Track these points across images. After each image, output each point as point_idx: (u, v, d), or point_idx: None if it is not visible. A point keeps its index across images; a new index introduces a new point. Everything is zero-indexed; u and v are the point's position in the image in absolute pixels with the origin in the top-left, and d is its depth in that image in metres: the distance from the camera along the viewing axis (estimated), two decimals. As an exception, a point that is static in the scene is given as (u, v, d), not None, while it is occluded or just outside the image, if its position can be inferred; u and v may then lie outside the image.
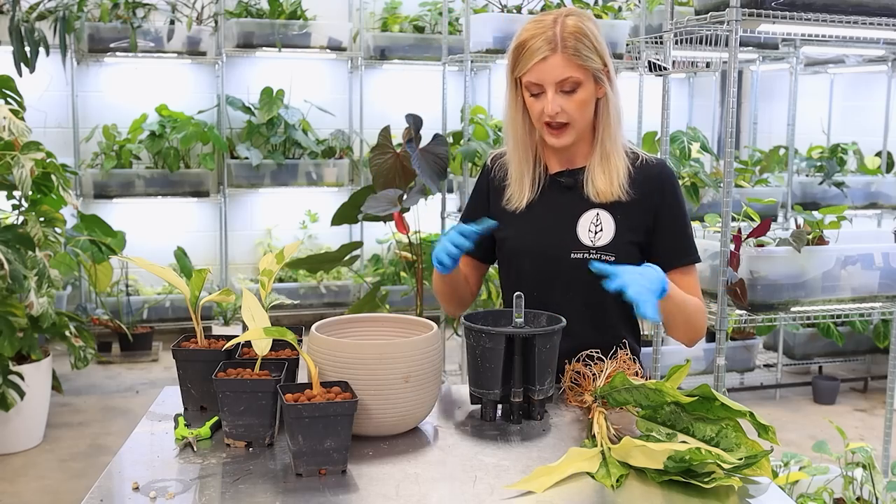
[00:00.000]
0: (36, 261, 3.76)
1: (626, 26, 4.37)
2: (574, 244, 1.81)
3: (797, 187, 5.02)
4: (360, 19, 5.97)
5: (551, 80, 1.72)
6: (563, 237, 1.83)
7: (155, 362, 5.34)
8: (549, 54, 1.71)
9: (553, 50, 1.71)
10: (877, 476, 2.42)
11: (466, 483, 1.33)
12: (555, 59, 1.71)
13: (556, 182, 1.87)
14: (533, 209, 1.86)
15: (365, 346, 1.49)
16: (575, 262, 1.80)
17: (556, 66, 1.71)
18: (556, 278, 1.81)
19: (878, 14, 2.78)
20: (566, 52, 1.71)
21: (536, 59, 1.71)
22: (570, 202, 1.84)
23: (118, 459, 1.41)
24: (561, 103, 1.74)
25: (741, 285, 2.76)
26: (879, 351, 4.86)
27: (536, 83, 1.74)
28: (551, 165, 1.89)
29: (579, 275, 1.78)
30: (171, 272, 1.63)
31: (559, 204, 1.85)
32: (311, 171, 5.81)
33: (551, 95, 1.73)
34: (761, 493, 1.32)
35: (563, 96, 1.74)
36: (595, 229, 1.82)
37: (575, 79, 1.72)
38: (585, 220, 1.82)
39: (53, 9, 4.92)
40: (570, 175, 1.86)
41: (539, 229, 1.82)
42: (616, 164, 1.81)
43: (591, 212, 1.82)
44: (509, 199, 1.88)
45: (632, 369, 1.64)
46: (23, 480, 3.66)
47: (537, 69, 1.72)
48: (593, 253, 1.80)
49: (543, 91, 1.74)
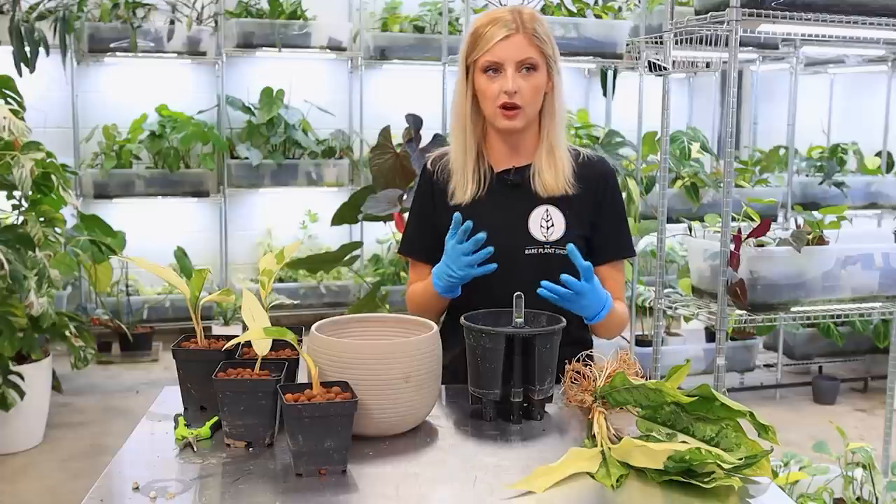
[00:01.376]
0: (36, 261, 3.76)
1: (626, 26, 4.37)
2: (527, 240, 1.85)
3: (797, 187, 5.02)
4: (360, 19, 5.97)
5: (512, 59, 1.77)
6: (516, 234, 1.85)
7: (155, 362, 5.34)
8: (512, 33, 1.77)
9: (515, 30, 1.77)
10: (877, 476, 2.42)
11: (466, 483, 1.33)
12: (516, 38, 1.77)
13: (502, 180, 1.89)
14: (482, 207, 1.86)
15: (365, 346, 1.49)
16: (530, 258, 1.84)
17: (517, 45, 1.77)
18: (511, 275, 1.80)
19: (878, 14, 2.78)
20: (526, 34, 1.77)
21: (499, 38, 1.76)
22: (518, 199, 1.87)
23: (118, 459, 1.41)
24: (519, 84, 1.77)
25: (741, 285, 2.76)
26: (879, 351, 4.86)
27: (497, 62, 1.77)
28: (496, 164, 1.90)
29: (534, 270, 1.81)
30: (172, 272, 1.63)
31: (508, 201, 1.87)
32: (311, 171, 5.81)
33: (511, 73, 1.77)
34: (761, 493, 1.32)
35: (521, 77, 1.78)
36: (546, 224, 1.86)
37: (534, 60, 1.78)
38: (536, 216, 1.86)
39: (53, 9, 4.92)
40: (517, 172, 1.88)
41: (491, 227, 1.81)
42: (561, 159, 1.86)
43: (541, 208, 1.86)
44: (454, 192, 1.88)
45: (632, 369, 1.64)
46: (23, 480, 3.66)
47: (499, 47, 1.76)
48: (547, 247, 1.84)
49: (502, 71, 1.77)
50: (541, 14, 1.83)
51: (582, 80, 6.64)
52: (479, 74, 1.80)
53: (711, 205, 4.36)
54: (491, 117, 1.83)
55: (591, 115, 5.78)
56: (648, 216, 4.32)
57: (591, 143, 4.55)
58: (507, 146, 1.89)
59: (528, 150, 1.89)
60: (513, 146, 1.88)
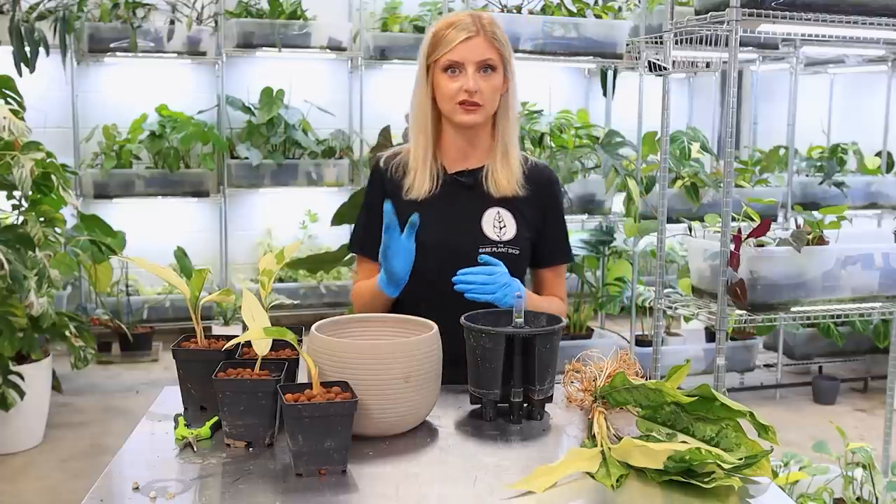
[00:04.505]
0: (36, 261, 3.76)
1: (626, 26, 4.37)
2: (481, 239, 1.90)
3: (797, 187, 5.02)
4: (360, 19, 5.97)
5: (473, 59, 1.83)
6: (470, 232, 1.91)
7: (155, 362, 5.34)
8: (473, 35, 1.83)
9: (476, 32, 1.84)
10: (877, 476, 2.42)
11: (466, 483, 1.33)
12: (478, 40, 1.83)
13: (456, 181, 1.94)
14: (436, 205, 1.91)
15: (365, 346, 1.49)
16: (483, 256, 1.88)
17: (478, 46, 1.83)
18: None
19: (878, 14, 2.78)
20: (486, 36, 1.84)
21: (461, 39, 1.82)
22: (471, 200, 1.93)
23: (118, 459, 1.41)
24: (479, 83, 1.83)
25: (741, 285, 2.76)
26: (879, 351, 4.86)
27: (458, 61, 1.83)
28: (448, 165, 1.96)
29: None
30: (172, 272, 1.63)
31: (461, 201, 1.93)
32: (311, 171, 5.81)
33: (472, 72, 1.83)
34: (761, 493, 1.32)
35: (481, 77, 1.84)
36: (499, 225, 1.92)
37: (493, 61, 1.85)
38: (489, 217, 1.92)
39: (53, 9, 4.92)
40: (471, 175, 1.94)
41: (445, 226, 1.89)
42: (515, 160, 1.94)
43: (493, 209, 1.93)
44: (410, 187, 1.92)
45: (632, 369, 1.64)
46: (23, 480, 3.66)
47: (461, 48, 1.83)
48: (501, 246, 1.90)
49: (462, 70, 1.83)
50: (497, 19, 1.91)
51: (582, 80, 6.64)
52: (440, 74, 1.86)
53: (711, 205, 4.36)
54: (450, 114, 1.88)
55: (591, 115, 5.78)
56: (648, 216, 4.32)
57: (591, 143, 4.55)
58: (460, 147, 1.94)
59: (481, 152, 1.95)
60: (466, 147, 1.94)
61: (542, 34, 4.16)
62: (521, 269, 1.96)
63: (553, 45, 4.19)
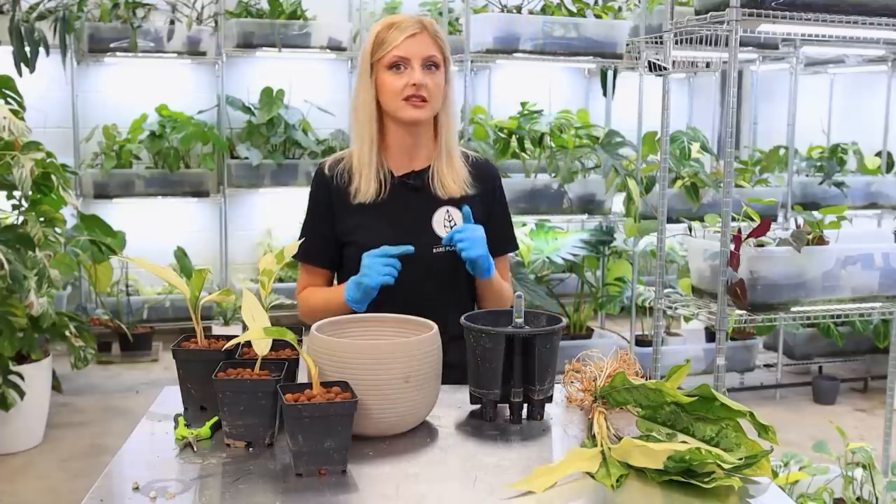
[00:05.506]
0: (36, 261, 3.76)
1: (626, 26, 4.37)
2: (433, 240, 1.93)
3: (797, 187, 5.02)
4: (360, 19, 5.97)
5: (419, 55, 1.86)
6: (423, 234, 1.93)
7: (155, 362, 5.34)
8: (419, 31, 1.87)
9: (421, 29, 1.88)
10: (877, 476, 2.42)
11: (466, 483, 1.33)
12: (423, 37, 1.87)
13: (403, 184, 1.96)
14: (385, 208, 1.93)
15: (365, 346, 1.49)
16: (437, 257, 1.93)
17: (424, 42, 1.87)
18: (421, 274, 1.89)
19: (878, 14, 2.78)
20: (430, 34, 1.89)
21: (406, 35, 1.85)
22: (419, 201, 1.95)
23: (118, 459, 1.41)
24: (425, 79, 1.86)
25: (741, 285, 2.76)
26: (879, 351, 4.86)
27: (404, 56, 1.85)
28: (395, 168, 1.97)
29: (443, 268, 1.93)
30: (172, 272, 1.63)
31: (410, 204, 1.95)
32: (311, 171, 5.80)
33: (418, 67, 1.86)
34: (761, 493, 1.32)
35: (426, 73, 1.87)
36: (449, 224, 1.95)
37: (438, 58, 1.89)
38: (439, 217, 1.95)
39: (53, 9, 4.92)
40: (417, 176, 1.96)
41: (397, 230, 1.91)
42: (458, 162, 1.97)
43: (442, 208, 1.96)
44: (356, 192, 1.93)
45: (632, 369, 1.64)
46: (23, 480, 3.66)
47: (406, 44, 1.85)
48: (453, 246, 1.90)
49: (408, 67, 1.86)
50: None
51: (582, 80, 6.64)
52: (384, 72, 1.87)
53: (711, 205, 4.36)
54: (396, 110, 1.89)
55: (591, 115, 5.78)
56: (648, 216, 4.32)
57: (592, 143, 4.55)
58: (405, 147, 1.96)
59: (425, 153, 1.97)
60: (412, 147, 1.96)
61: (542, 34, 4.17)
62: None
63: (553, 45, 4.20)
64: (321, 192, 2.00)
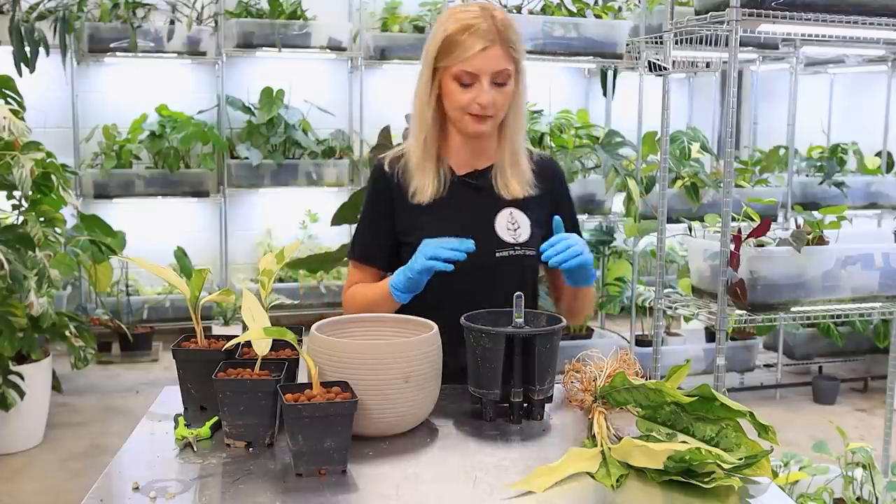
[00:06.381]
0: (36, 261, 3.76)
1: (626, 26, 4.37)
2: (497, 243, 1.85)
3: (797, 187, 5.02)
4: (360, 19, 5.97)
5: (488, 71, 1.73)
6: (486, 237, 1.83)
7: (155, 362, 5.34)
8: (489, 45, 1.72)
9: (493, 42, 1.72)
10: (877, 476, 2.42)
11: (466, 483, 1.33)
12: (494, 50, 1.73)
13: (466, 183, 1.88)
14: (446, 210, 1.84)
15: (365, 346, 1.49)
16: (501, 260, 1.84)
17: (495, 57, 1.73)
18: (483, 277, 1.80)
19: (878, 14, 2.78)
20: (503, 45, 1.73)
21: (476, 50, 1.71)
22: (482, 202, 1.87)
23: (118, 459, 1.41)
24: (493, 95, 1.74)
25: (741, 285, 2.76)
26: (879, 351, 4.85)
27: (473, 73, 1.73)
28: (456, 166, 1.89)
29: (507, 272, 1.83)
30: (172, 272, 1.63)
31: (473, 204, 1.87)
32: (311, 171, 5.81)
33: (487, 86, 1.73)
34: (761, 493, 1.32)
35: (495, 88, 1.75)
36: (513, 227, 1.86)
37: (508, 72, 1.75)
38: (502, 219, 1.86)
39: (53, 9, 4.92)
40: (480, 176, 1.88)
41: (459, 231, 1.79)
42: (523, 161, 1.87)
43: (505, 210, 1.87)
44: (415, 192, 1.85)
45: (632, 369, 1.64)
46: (23, 480, 3.66)
47: (476, 60, 1.72)
48: (518, 249, 1.85)
49: (476, 81, 1.74)
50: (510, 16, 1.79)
51: (582, 80, 6.64)
52: (449, 80, 1.76)
53: (711, 205, 4.36)
54: (458, 122, 1.81)
55: (591, 115, 5.78)
56: (648, 216, 4.32)
57: (592, 143, 4.55)
58: (468, 149, 1.88)
59: (488, 152, 1.89)
60: (474, 150, 1.88)
61: (542, 34, 4.16)
62: (537, 270, 1.92)
63: (553, 45, 4.19)
64: (382, 190, 1.90)
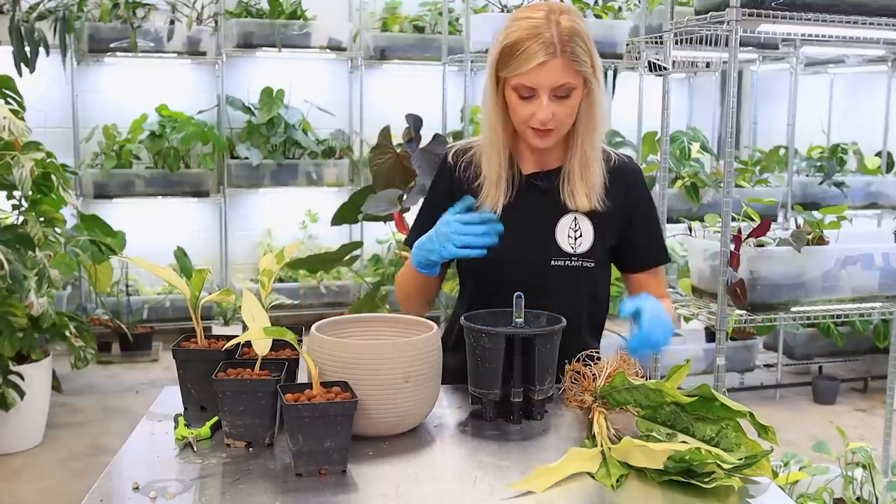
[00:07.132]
0: (36, 261, 3.76)
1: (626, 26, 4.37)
2: (554, 251, 1.77)
3: (797, 187, 5.02)
4: (360, 19, 5.97)
5: (547, 86, 1.64)
6: (543, 244, 1.77)
7: (155, 362, 5.34)
8: (549, 59, 1.61)
9: (552, 54, 1.61)
10: (877, 476, 2.42)
11: (466, 483, 1.33)
12: (553, 64, 1.62)
13: (531, 184, 1.80)
14: (507, 213, 1.76)
15: (365, 346, 1.49)
16: (555, 269, 1.77)
17: (554, 72, 1.62)
18: (535, 286, 1.71)
19: (878, 14, 2.78)
20: (565, 58, 1.62)
21: (534, 64, 1.61)
22: (546, 206, 1.78)
23: (118, 459, 1.41)
24: (553, 109, 1.65)
25: (741, 285, 2.76)
26: (879, 351, 4.86)
27: (531, 87, 1.64)
28: (524, 166, 1.81)
29: (559, 282, 1.77)
30: (172, 272, 1.63)
31: (535, 208, 1.79)
32: (311, 171, 5.81)
33: (545, 101, 1.64)
34: (761, 493, 1.32)
35: (556, 102, 1.66)
36: (574, 235, 1.77)
37: (570, 85, 1.65)
38: (564, 226, 1.78)
39: (53, 9, 4.92)
40: (546, 177, 1.79)
41: (516, 236, 1.73)
42: (595, 171, 1.75)
43: (569, 216, 1.78)
44: (483, 202, 1.77)
45: (632, 369, 1.64)
46: (23, 480, 3.66)
47: (534, 74, 1.62)
48: (574, 260, 1.77)
49: (535, 95, 1.65)
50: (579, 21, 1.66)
51: (582, 80, 6.63)
52: (510, 90, 1.68)
53: (711, 205, 4.36)
54: (521, 133, 1.73)
55: (591, 115, 5.77)
56: (648, 216, 4.31)
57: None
58: (538, 151, 1.79)
59: (557, 155, 1.79)
60: (542, 155, 1.80)
61: (542, 34, 4.15)
62: (599, 281, 1.83)
63: (553, 45, 4.18)
64: (443, 180, 1.86)
